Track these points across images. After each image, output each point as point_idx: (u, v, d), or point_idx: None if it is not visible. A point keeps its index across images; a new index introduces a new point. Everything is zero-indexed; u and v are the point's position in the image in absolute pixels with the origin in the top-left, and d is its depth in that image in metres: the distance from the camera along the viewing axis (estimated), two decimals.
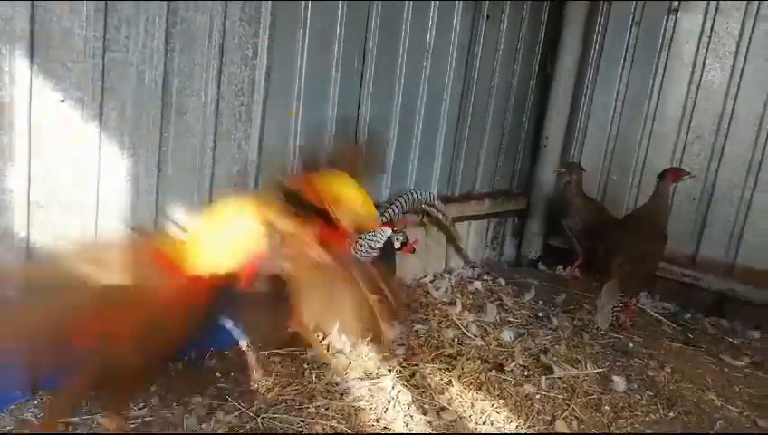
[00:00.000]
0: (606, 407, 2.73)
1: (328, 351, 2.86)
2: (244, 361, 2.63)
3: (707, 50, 4.14)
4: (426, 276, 4.17)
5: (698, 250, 4.29)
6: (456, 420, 2.45)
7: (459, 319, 3.46)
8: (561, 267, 4.75)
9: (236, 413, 2.26)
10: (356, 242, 2.94)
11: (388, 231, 3.04)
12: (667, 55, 4.31)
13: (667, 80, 4.33)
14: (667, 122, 4.35)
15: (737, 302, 4.06)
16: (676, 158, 4.31)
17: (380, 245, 2.95)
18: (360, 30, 3.32)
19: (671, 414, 2.77)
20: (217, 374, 2.50)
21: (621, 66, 4.52)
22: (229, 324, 2.53)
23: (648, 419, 2.70)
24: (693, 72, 4.21)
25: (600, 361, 3.21)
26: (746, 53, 3.98)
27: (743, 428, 2.72)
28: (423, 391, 2.64)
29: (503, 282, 4.28)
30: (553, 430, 2.48)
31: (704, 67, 4.17)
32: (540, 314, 3.74)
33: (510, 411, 2.59)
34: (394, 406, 2.50)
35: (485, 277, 4.36)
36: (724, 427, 2.69)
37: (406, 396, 2.58)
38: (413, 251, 3.26)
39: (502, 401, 2.66)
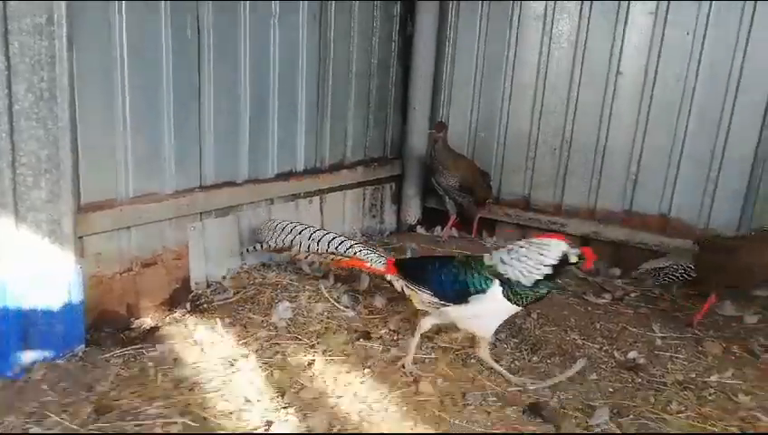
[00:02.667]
0: (472, 360, 2.73)
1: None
2: (80, 367, 2.37)
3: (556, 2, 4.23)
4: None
5: (563, 198, 4.44)
6: (316, 398, 2.34)
7: (330, 292, 3.35)
8: (438, 228, 4.78)
9: (56, 428, 2.00)
10: (507, 253, 2.33)
11: (563, 244, 2.31)
12: (520, 9, 4.36)
13: (521, 34, 4.40)
14: (525, 76, 4.43)
15: (600, 242, 4.25)
16: (536, 109, 4.41)
17: (554, 261, 2.28)
18: None
19: (535, 358, 2.82)
20: (43, 387, 2.22)
21: (478, 26, 4.54)
22: None
23: (512, 365, 2.73)
24: (544, 24, 4.29)
25: None
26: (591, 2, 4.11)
27: (601, 361, 2.82)
28: (283, 372, 2.51)
29: (379, 249, 4.22)
30: (417, 391, 2.43)
31: (554, 18, 4.26)
32: None
33: (374, 380, 2.52)
34: (249, 391, 2.34)
35: None
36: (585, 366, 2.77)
37: (262, 379, 2.44)
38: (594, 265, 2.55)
39: (367, 371, 2.59)
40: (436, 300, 2.44)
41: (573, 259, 2.28)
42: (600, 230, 4.25)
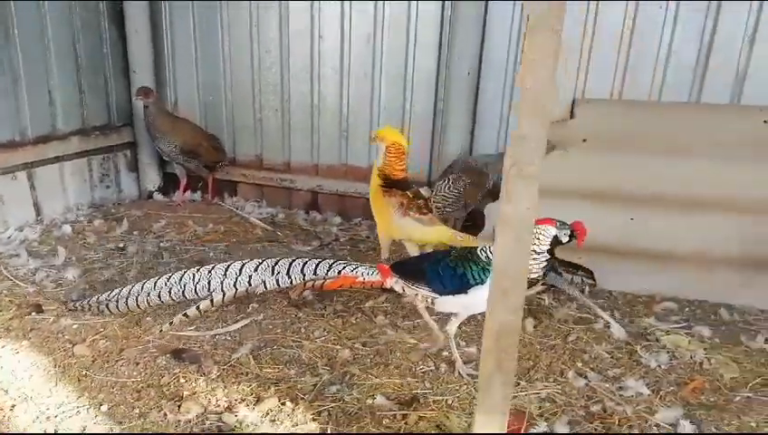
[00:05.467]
0: (148, 318, 2.82)
1: None
2: None
3: None
4: (6, 229, 3.78)
5: (290, 156, 4.68)
6: None
7: (18, 269, 3.23)
8: (179, 193, 4.78)
9: None
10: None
11: (552, 229, 2.29)
12: None
13: None
14: (241, 36, 4.50)
15: (325, 195, 4.59)
16: (255, 70, 4.54)
17: (547, 247, 2.29)
18: None
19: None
20: None
21: None
22: None
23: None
24: None
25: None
26: None
27: (274, 302, 3.10)
28: None
29: (100, 220, 4.12)
30: (72, 354, 2.49)
31: None
32: (122, 245, 3.70)
33: (31, 350, 2.52)
34: None
35: (81, 219, 4.15)
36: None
37: None
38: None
39: (27, 342, 2.57)
40: (435, 296, 2.45)
41: (565, 239, 2.30)
42: (324, 184, 4.57)
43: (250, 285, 2.58)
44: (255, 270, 2.59)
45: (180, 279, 2.62)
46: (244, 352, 2.54)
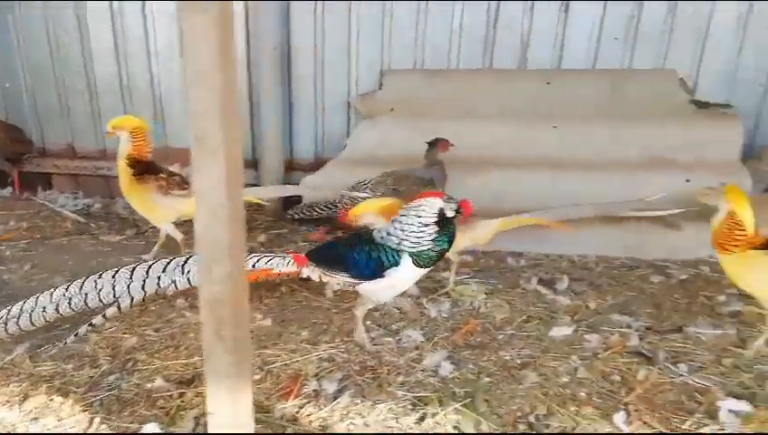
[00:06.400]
0: None
1: None
2: None
3: None
4: None
5: (105, 143, 4.45)
6: None
7: None
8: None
9: None
10: (395, 223, 2.31)
11: (438, 201, 2.29)
12: None
13: None
14: (31, 18, 4.16)
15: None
16: (53, 50, 4.23)
17: (434, 218, 2.29)
18: None
19: None
20: None
21: None
22: None
23: None
24: None
25: None
26: None
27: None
28: None
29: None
30: None
31: None
32: None
33: None
34: None
35: None
36: None
37: None
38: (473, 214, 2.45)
39: None
40: (354, 280, 2.39)
41: (450, 213, 2.31)
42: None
43: (159, 286, 2.42)
44: (164, 270, 2.43)
45: (81, 288, 2.40)
46: (19, 352, 2.42)
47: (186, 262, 2.47)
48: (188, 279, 2.44)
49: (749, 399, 2.15)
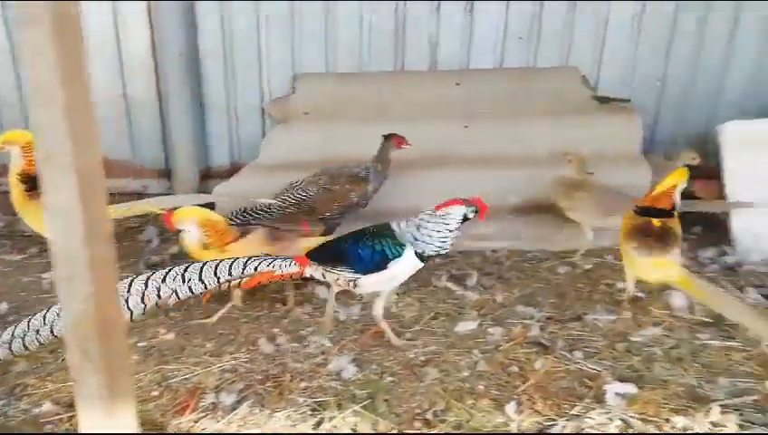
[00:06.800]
0: None
1: None
2: None
3: None
4: None
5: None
6: None
7: None
8: None
9: None
10: (418, 230, 2.43)
11: (461, 208, 2.45)
12: None
13: None
14: None
15: None
16: None
17: (457, 226, 2.46)
18: None
19: None
20: None
21: None
22: None
23: None
24: None
25: None
26: None
27: None
28: None
29: None
30: None
31: None
32: None
33: None
34: None
35: None
36: None
37: None
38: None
39: None
40: (357, 275, 2.47)
41: (471, 215, 2.47)
42: None
43: (159, 297, 2.34)
44: (164, 280, 2.35)
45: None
46: None
47: (186, 270, 2.39)
48: (190, 288, 2.37)
49: (636, 381, 2.26)
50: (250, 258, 2.48)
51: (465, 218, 2.48)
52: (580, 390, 2.23)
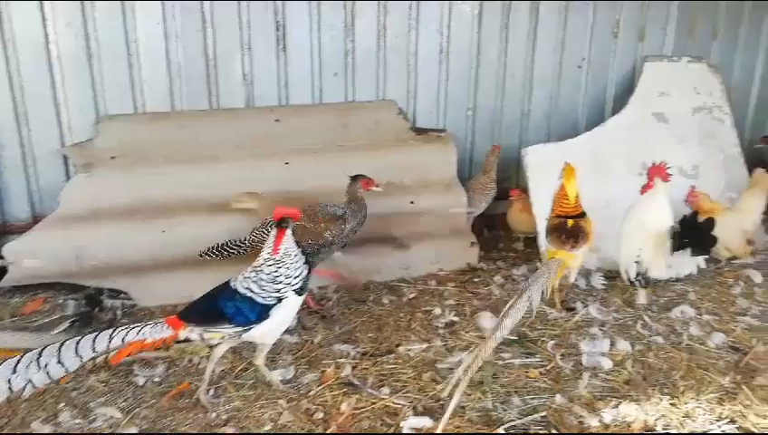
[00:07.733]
0: None
1: None
2: None
3: None
4: None
5: None
6: None
7: None
8: None
9: None
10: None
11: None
12: None
13: None
14: None
15: None
16: None
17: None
18: None
19: None
20: None
21: None
22: None
23: None
24: None
25: None
26: None
27: None
28: None
29: None
30: None
31: None
32: None
33: None
34: None
35: None
36: None
37: None
38: None
39: None
40: (240, 329, 2.29)
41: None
42: None
43: (11, 390, 1.97)
44: (14, 370, 1.97)
45: None
46: None
47: (40, 356, 2.04)
48: (47, 373, 2.02)
49: (436, 412, 2.28)
50: (116, 329, 2.17)
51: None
52: (380, 429, 2.21)
